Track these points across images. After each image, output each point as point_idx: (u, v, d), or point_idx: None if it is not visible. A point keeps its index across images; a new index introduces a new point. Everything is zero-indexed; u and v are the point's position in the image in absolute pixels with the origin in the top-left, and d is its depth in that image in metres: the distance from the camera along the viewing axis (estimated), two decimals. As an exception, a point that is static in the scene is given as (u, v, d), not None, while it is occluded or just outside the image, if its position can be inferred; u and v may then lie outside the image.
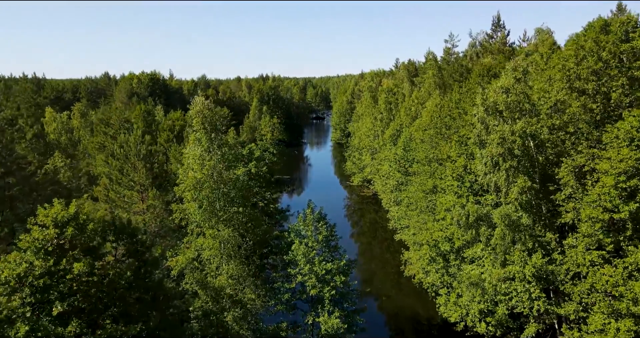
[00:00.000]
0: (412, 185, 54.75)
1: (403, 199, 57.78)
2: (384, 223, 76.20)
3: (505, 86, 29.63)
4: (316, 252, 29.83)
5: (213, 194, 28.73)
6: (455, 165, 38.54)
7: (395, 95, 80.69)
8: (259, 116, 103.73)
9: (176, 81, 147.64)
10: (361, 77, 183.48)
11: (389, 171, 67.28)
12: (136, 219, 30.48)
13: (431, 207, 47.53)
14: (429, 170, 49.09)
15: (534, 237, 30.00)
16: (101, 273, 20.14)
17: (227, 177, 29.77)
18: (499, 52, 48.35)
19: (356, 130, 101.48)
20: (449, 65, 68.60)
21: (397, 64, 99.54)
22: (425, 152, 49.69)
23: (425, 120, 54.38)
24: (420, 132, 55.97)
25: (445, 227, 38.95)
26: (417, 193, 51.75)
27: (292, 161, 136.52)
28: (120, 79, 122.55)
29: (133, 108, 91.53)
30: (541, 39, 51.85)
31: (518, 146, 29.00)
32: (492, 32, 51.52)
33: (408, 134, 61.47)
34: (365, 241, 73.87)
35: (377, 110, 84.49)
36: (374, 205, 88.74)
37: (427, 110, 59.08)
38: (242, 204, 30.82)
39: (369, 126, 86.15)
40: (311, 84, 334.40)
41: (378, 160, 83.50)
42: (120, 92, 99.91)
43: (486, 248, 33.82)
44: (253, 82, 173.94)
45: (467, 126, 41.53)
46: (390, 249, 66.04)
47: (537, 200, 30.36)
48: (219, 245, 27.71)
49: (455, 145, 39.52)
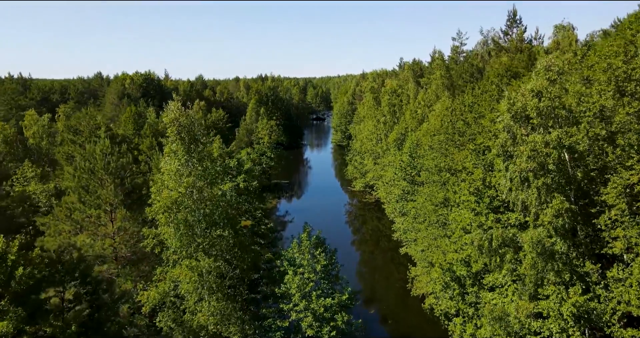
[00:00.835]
0: (419, 196, 50.17)
1: (409, 210, 53.23)
2: (387, 232, 71.82)
3: (537, 89, 25.03)
4: (314, 285, 25.28)
5: (192, 216, 24.29)
6: (472, 177, 33.97)
7: (400, 97, 76.10)
8: (256, 118, 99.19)
9: (172, 81, 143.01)
10: (362, 78, 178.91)
11: (393, 178, 62.70)
12: (103, 244, 26.00)
13: (442, 222, 42.98)
14: (439, 180, 44.55)
15: (570, 267, 25.43)
16: (35, 331, 15.56)
17: (210, 194, 25.30)
18: (517, 50, 43.85)
19: (358, 133, 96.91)
20: (457, 65, 64.02)
21: (401, 63, 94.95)
22: (434, 160, 45.12)
23: (434, 125, 49.82)
24: (429, 138, 51.37)
25: (461, 247, 34.40)
26: (426, 204, 47.19)
27: (292, 164, 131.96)
28: (113, 79, 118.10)
29: (123, 110, 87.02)
30: (562, 37, 47.24)
31: (553, 160, 24.40)
32: (507, 29, 47.08)
33: (414, 139, 56.89)
34: (367, 250, 69.53)
35: (380, 112, 79.90)
36: (377, 212, 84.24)
37: (435, 114, 54.49)
38: (228, 226, 26.34)
39: (372, 129, 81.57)
40: (311, 84, 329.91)
41: (381, 165, 78.92)
42: (110, 93, 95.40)
43: (509, 274, 29.32)
44: (252, 83, 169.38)
45: (484, 133, 36.95)
46: (395, 261, 61.61)
47: (574, 223, 25.77)
48: (199, 277, 23.30)
49: (472, 154, 34.95)
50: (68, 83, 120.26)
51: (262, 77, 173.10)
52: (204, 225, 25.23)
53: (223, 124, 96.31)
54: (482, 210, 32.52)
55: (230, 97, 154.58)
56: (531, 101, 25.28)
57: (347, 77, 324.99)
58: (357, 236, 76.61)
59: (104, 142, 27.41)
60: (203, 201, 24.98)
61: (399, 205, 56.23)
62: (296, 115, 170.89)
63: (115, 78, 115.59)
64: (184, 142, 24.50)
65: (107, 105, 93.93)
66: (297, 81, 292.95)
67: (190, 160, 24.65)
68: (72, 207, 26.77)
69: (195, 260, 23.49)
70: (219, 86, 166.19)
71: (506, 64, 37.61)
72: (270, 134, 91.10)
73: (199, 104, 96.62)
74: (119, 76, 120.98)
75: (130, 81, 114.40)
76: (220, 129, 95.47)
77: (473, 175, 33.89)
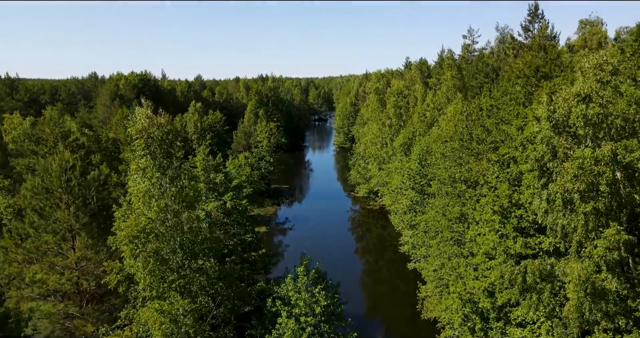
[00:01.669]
0: (430, 208, 45.66)
1: (419, 223, 48.72)
2: (393, 241, 67.44)
3: (584, 92, 20.50)
4: (312, 329, 20.81)
5: (166, 246, 19.94)
6: (495, 193, 29.45)
7: (406, 99, 71.58)
8: (254, 120, 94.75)
9: (169, 82, 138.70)
10: (365, 78, 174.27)
11: (400, 187, 58.19)
12: (60, 278, 21.64)
13: (457, 238, 38.46)
14: (453, 192, 40.01)
15: (624, 310, 20.90)
16: None
17: (189, 219, 20.93)
18: (540, 47, 39.33)
19: (361, 136, 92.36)
20: (468, 65, 59.45)
21: (408, 63, 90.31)
22: (448, 169, 40.58)
23: (447, 130, 45.31)
24: (440, 144, 46.88)
25: (483, 274, 29.87)
26: (438, 218, 42.68)
27: (293, 167, 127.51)
28: (108, 80, 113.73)
29: (115, 112, 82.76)
30: (590, 33, 42.64)
31: (607, 180, 19.86)
32: (527, 24, 42.59)
33: (424, 145, 52.35)
34: (371, 260, 65.25)
35: (385, 115, 75.35)
36: (382, 220, 79.77)
37: (447, 118, 49.97)
38: (211, 255, 21.95)
39: (376, 133, 77.03)
40: (314, 84, 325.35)
41: (386, 171, 74.39)
42: (102, 94, 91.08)
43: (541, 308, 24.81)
44: (252, 83, 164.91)
45: (508, 141, 32.41)
46: (401, 274, 57.17)
47: (628, 256, 21.24)
48: (172, 323, 18.93)
49: (494, 166, 30.43)
50: (59, 83, 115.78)
51: (262, 77, 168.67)
52: (180, 256, 20.85)
53: (220, 127, 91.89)
54: (509, 232, 28.02)
55: (230, 97, 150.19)
56: (577, 107, 20.77)
57: (349, 77, 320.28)
58: (361, 244, 72.39)
59: (62, 155, 23.03)
60: (179, 228, 20.61)
61: (407, 216, 51.71)
62: (297, 116, 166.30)
63: (110, 78, 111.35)
64: (154, 157, 20.10)
65: (98, 107, 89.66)
66: (299, 81, 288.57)
67: (162, 179, 20.25)
68: (23, 233, 22.46)
69: (167, 302, 19.12)
70: (217, 86, 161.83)
71: (533, 63, 33.05)
72: (270, 137, 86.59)
73: (195, 106, 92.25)
74: (113, 76, 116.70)
75: (125, 82, 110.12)
76: (217, 131, 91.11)
77: (497, 190, 29.37)
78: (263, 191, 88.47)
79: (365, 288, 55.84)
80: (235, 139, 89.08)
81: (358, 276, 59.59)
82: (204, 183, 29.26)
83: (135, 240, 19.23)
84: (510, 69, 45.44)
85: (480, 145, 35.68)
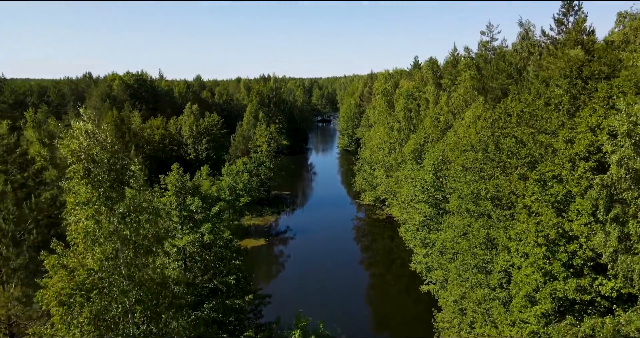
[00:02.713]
0: (448, 227, 40.23)
1: (434, 242, 43.31)
2: (401, 254, 62.23)
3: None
4: None
5: (114, 308, 14.70)
6: (536, 220, 24.00)
7: (417, 101, 66.10)
8: (254, 123, 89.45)
9: (166, 82, 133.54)
10: (370, 78, 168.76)
11: (411, 198, 52.76)
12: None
13: (481, 266, 33.00)
14: (476, 211, 34.56)
15: None
16: None
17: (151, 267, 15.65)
18: (576, 43, 33.84)
19: (367, 140, 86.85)
20: (487, 64, 53.83)
21: (417, 62, 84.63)
22: (471, 185, 35.10)
23: (467, 138, 39.84)
24: (458, 153, 41.44)
25: (523, 319, 24.38)
26: (458, 239, 37.25)
27: (295, 171, 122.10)
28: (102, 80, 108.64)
29: (105, 114, 77.69)
30: (631, 27, 37.04)
31: None
32: (561, 17, 37.12)
33: (439, 153, 46.89)
34: (378, 272, 60.03)
35: (394, 118, 69.91)
36: (389, 230, 74.37)
37: (465, 123, 44.52)
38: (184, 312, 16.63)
39: (384, 137, 71.55)
40: (317, 84, 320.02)
41: (394, 178, 68.96)
42: (92, 96, 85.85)
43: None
44: (253, 84, 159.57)
45: (550, 156, 26.91)
46: (411, 292, 51.89)
47: None
48: None
49: (535, 187, 24.95)
50: (49, 84, 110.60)
51: (264, 78, 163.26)
52: (136, 318, 15.57)
53: (217, 130, 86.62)
54: (557, 271, 22.54)
55: (230, 98, 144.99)
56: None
57: (353, 77, 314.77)
58: (366, 254, 67.14)
59: (-13, 181, 18.05)
60: (135, 280, 15.35)
61: (420, 234, 46.24)
62: (300, 118, 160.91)
63: (104, 79, 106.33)
64: (98, 187, 14.80)
65: (89, 110, 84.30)
66: (302, 81, 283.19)
67: (111, 217, 14.97)
68: None
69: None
70: (217, 87, 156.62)
71: (575, 61, 27.50)
72: (270, 141, 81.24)
73: (192, 108, 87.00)
74: (107, 76, 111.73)
75: (119, 82, 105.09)
76: (214, 135, 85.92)
77: (539, 217, 23.87)
78: (262, 199, 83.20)
79: (371, 304, 50.90)
80: (233, 143, 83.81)
81: (363, 288, 54.76)
82: (176, 212, 23.90)
83: (70, 300, 14.04)
84: (542, 68, 39.93)
85: (511, 158, 30.20)
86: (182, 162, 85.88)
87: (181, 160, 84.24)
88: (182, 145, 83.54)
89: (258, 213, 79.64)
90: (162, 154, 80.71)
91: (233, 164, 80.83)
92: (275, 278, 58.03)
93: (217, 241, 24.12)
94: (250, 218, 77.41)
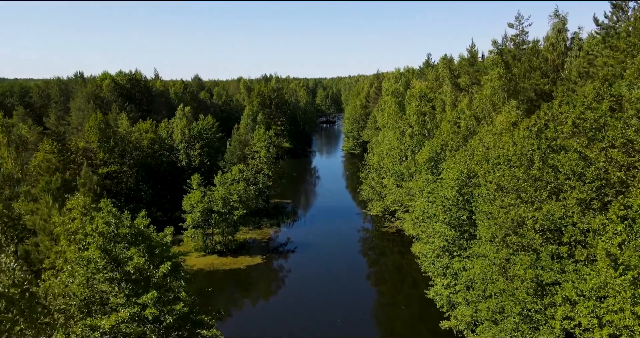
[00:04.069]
0: (477, 259, 33.19)
1: (459, 274, 36.26)
2: (413, 273, 55.49)
3: None
4: None
5: None
6: (632, 275, 17.02)
7: (432, 102, 59.08)
8: (252, 127, 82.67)
9: (161, 82, 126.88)
10: (377, 78, 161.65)
11: (427, 215, 45.74)
12: None
13: (527, 315, 25.95)
14: (517, 242, 27.56)
15: None
16: None
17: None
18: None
19: (374, 146, 79.83)
20: (516, 61, 46.74)
21: (430, 60, 77.41)
22: (510, 210, 28.04)
23: (503, 148, 32.75)
24: (488, 167, 34.33)
25: None
26: (493, 276, 30.23)
27: (297, 176, 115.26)
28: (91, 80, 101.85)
29: (88, 117, 71.13)
30: None
31: None
32: (620, 1, 30.15)
33: (462, 166, 39.80)
34: (386, 291, 53.43)
35: (405, 121, 62.92)
36: (399, 245, 67.48)
37: (495, 131, 37.44)
38: None
39: (394, 143, 64.54)
40: (321, 85, 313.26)
41: (406, 189, 61.98)
42: (77, 96, 79.07)
43: None
44: (254, 84, 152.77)
45: (635, 181, 19.83)
46: (425, 319, 45.23)
47: None
48: None
49: (618, 226, 17.96)
50: (38, 84, 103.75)
51: (265, 78, 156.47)
52: None
53: (212, 134, 79.79)
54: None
55: (230, 99, 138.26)
56: None
57: (358, 77, 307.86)
58: (373, 269, 60.50)
59: None
60: None
61: (441, 261, 39.17)
62: (303, 119, 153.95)
63: (94, 78, 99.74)
64: None
65: (73, 111, 77.97)
66: (306, 82, 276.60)
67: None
68: None
69: None
70: (216, 87, 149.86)
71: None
72: (269, 146, 74.38)
73: (184, 110, 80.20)
74: (98, 76, 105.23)
75: (110, 82, 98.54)
76: (209, 139, 79.08)
77: (631, 271, 16.87)
78: (261, 209, 76.32)
79: (381, 326, 44.61)
80: (229, 149, 76.95)
81: (370, 307, 48.76)
82: (101, 275, 16.99)
83: None
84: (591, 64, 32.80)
85: (571, 180, 23.14)
86: (174, 169, 79.40)
87: (172, 167, 77.58)
88: (173, 150, 76.77)
89: (255, 225, 72.80)
90: (151, 160, 73.97)
91: (229, 171, 74.01)
92: (271, 302, 51.16)
93: (166, 317, 16.89)
94: (247, 232, 70.58)
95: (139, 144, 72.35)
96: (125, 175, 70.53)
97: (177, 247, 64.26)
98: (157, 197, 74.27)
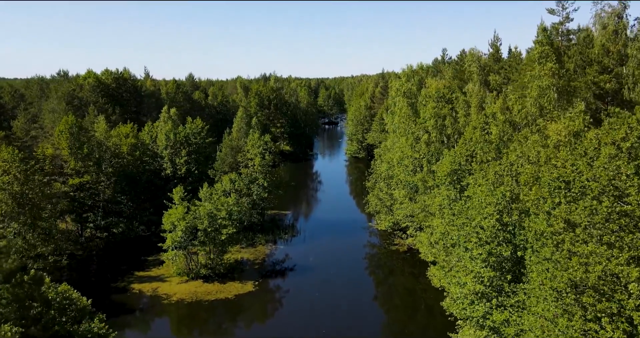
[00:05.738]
0: (530, 314, 24.71)
1: (503, 332, 27.80)
2: (428, 301, 47.82)
3: None
4: None
5: None
6: None
7: (453, 104, 50.59)
8: (246, 131, 74.37)
9: (152, 81, 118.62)
10: (382, 78, 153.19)
11: (451, 242, 37.32)
12: None
13: None
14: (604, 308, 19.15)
15: None
16: None
17: None
18: None
19: (383, 152, 71.32)
20: (563, 54, 38.10)
21: (445, 56, 68.82)
22: (591, 261, 19.61)
23: (564, 167, 24.30)
24: (546, 192, 25.85)
25: None
26: None
27: (298, 182, 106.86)
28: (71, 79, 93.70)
29: (59, 120, 62.87)
30: None
31: None
32: None
33: (505, 189, 31.21)
34: (397, 318, 46.33)
35: (420, 126, 54.43)
36: (411, 266, 59.25)
37: (550, 143, 28.93)
38: None
39: (407, 151, 56.04)
40: (324, 85, 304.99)
41: (421, 204, 53.51)
42: (50, 97, 70.94)
43: None
44: (252, 83, 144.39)
45: None
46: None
47: None
48: None
49: None
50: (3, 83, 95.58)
51: (264, 77, 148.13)
52: None
53: (201, 138, 71.40)
54: None
55: (226, 100, 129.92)
56: None
57: (361, 77, 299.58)
58: (380, 290, 52.63)
59: None
60: None
61: (478, 309, 30.55)
62: (304, 121, 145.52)
63: (75, 77, 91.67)
64: None
65: (45, 114, 69.74)
66: (308, 81, 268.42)
67: None
68: None
69: None
70: (212, 87, 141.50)
71: None
72: (264, 153, 66.04)
73: (169, 112, 71.86)
74: (81, 75, 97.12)
75: (94, 81, 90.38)
76: (197, 145, 70.71)
77: None
78: (255, 223, 67.98)
79: None
80: (219, 156, 68.62)
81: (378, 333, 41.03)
82: None
83: None
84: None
85: None
86: (157, 178, 71.31)
87: (156, 176, 69.33)
88: (157, 157, 68.45)
89: (249, 243, 64.38)
90: (132, 169, 65.70)
91: (219, 181, 65.71)
92: None
93: None
94: (239, 250, 62.21)
95: (117, 151, 64.13)
96: (102, 185, 62.34)
97: (156, 270, 56.07)
98: (139, 209, 66.10)
